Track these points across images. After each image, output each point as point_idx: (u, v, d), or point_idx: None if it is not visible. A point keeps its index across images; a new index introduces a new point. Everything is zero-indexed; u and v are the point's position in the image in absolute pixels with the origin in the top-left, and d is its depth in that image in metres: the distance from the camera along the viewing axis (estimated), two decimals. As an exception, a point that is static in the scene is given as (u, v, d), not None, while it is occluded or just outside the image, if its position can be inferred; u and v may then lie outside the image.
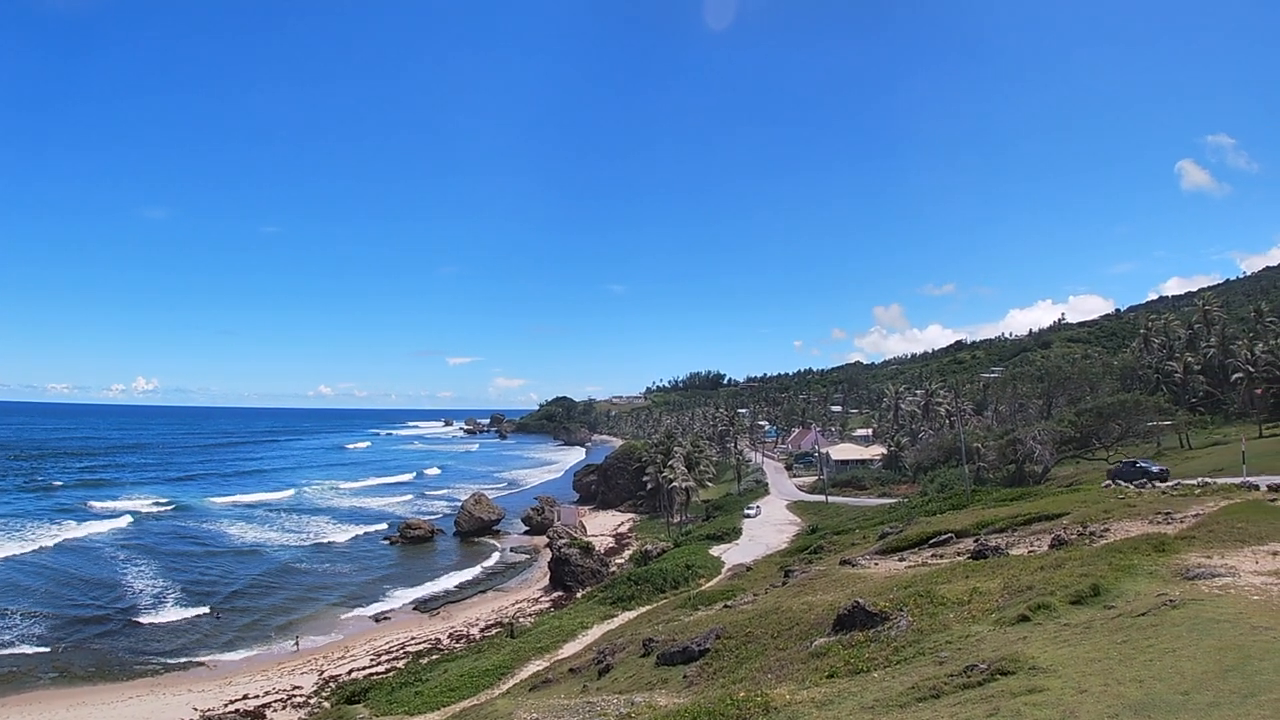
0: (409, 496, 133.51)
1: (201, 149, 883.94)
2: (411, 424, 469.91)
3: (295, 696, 43.59)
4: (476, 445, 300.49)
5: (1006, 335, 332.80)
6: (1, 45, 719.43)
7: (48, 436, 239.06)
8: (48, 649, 50.43)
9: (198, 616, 58.87)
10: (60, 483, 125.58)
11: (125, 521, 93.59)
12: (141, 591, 65.04)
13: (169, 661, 50.14)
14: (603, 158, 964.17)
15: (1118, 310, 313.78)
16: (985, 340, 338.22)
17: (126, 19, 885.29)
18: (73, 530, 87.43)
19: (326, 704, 41.58)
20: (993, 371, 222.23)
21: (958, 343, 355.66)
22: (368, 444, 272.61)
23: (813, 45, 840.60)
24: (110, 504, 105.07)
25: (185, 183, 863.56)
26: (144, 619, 57.81)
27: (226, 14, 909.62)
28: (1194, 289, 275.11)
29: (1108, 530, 23.47)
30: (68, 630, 54.37)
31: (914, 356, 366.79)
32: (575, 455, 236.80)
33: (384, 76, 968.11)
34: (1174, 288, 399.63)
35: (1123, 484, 42.81)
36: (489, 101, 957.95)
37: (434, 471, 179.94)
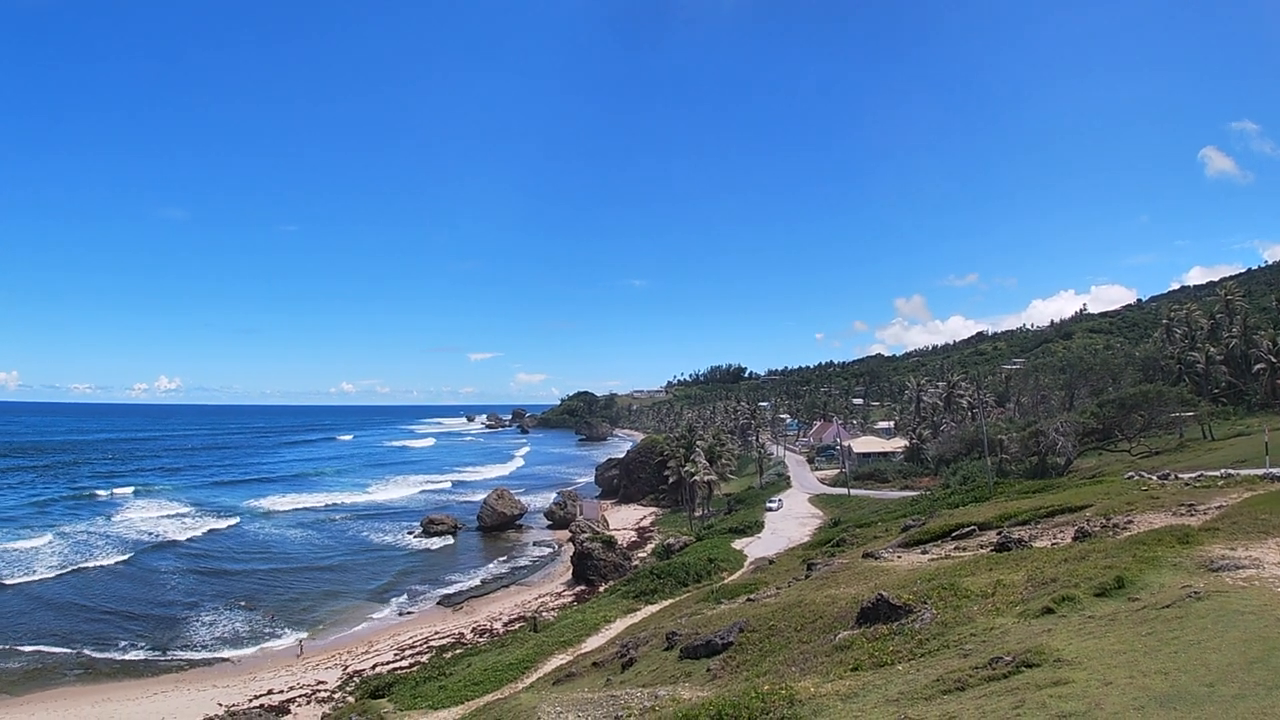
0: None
1: (220, 150, 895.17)
2: (434, 420, 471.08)
3: (319, 691, 43.92)
4: (526, 443, 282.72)
5: (1028, 326, 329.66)
6: (13, 51, 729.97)
7: (79, 439, 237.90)
8: (73, 647, 50.84)
9: (225, 614, 59.55)
10: (104, 492, 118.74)
11: (165, 525, 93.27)
12: (172, 590, 66.07)
13: (194, 658, 50.66)
14: (627, 157, 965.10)
15: (1139, 300, 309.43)
16: (1007, 331, 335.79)
17: (149, 27, 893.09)
18: (101, 527, 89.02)
19: (350, 698, 41.81)
20: (1015, 363, 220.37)
21: (979, 334, 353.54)
22: (432, 442, 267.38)
23: (835, 43, 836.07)
24: (148, 503, 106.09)
25: (203, 183, 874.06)
26: (172, 616, 58.60)
27: (255, 26, 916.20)
28: (1216, 278, 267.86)
29: (1131, 522, 23.29)
30: (95, 628, 55.03)
31: (935, 348, 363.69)
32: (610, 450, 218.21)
33: (405, 81, 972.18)
34: (1196, 277, 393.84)
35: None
36: (514, 102, 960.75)
37: (517, 465, 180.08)
